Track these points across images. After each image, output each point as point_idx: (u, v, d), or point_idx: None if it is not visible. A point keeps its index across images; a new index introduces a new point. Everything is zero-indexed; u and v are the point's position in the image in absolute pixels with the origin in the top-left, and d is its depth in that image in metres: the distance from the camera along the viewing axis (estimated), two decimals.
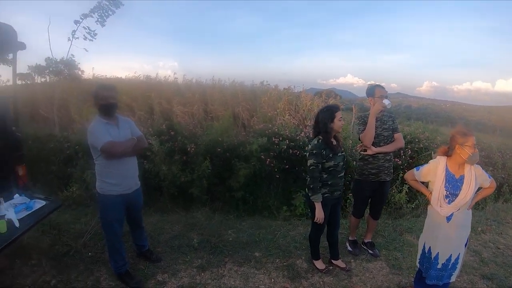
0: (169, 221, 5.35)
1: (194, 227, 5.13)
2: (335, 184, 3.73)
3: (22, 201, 4.04)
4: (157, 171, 5.91)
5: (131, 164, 3.67)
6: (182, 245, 4.65)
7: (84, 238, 4.65)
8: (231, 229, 5.07)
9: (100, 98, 3.42)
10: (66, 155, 7.12)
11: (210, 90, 12.88)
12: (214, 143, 6.26)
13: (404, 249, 4.76)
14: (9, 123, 4.47)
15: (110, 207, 3.59)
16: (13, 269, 4.20)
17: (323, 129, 3.64)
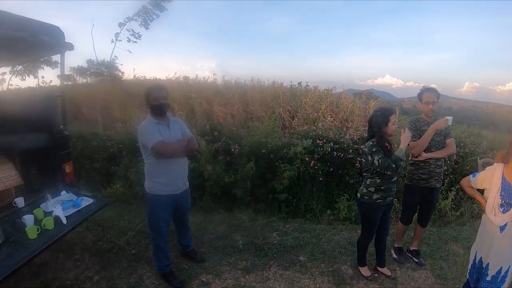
0: (213, 221, 5.31)
1: (238, 228, 5.06)
2: (388, 189, 3.56)
3: (69, 198, 4.07)
4: (201, 170, 5.89)
5: (181, 165, 3.62)
6: (226, 246, 4.58)
7: (127, 235, 4.67)
8: (276, 231, 4.95)
9: (152, 98, 3.42)
10: (109, 153, 7.25)
11: (250, 91, 12.82)
12: (259, 144, 6.18)
13: (450, 259, 4.52)
14: (57, 121, 4.59)
15: (158, 207, 3.57)
16: (57, 263, 4.26)
17: (377, 133, 3.49)
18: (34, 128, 4.49)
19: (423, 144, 3.85)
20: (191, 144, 3.57)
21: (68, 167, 4.57)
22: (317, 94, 12.06)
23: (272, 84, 13.91)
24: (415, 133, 3.93)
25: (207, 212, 5.82)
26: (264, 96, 11.99)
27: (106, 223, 5.08)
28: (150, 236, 4.01)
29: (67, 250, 4.50)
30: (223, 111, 10.95)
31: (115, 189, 6.43)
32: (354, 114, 10.52)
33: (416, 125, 3.98)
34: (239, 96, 12.00)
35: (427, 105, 3.93)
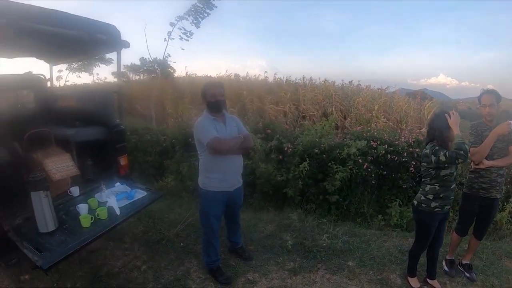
0: (263, 220, 5.26)
1: (287, 228, 4.96)
2: (446, 197, 3.37)
3: (123, 190, 4.17)
4: (253, 168, 5.89)
5: (236, 162, 3.60)
6: (275, 245, 4.52)
7: (177, 228, 4.74)
8: (326, 233, 4.81)
9: (209, 95, 3.45)
10: (162, 147, 7.42)
11: (301, 89, 12.68)
12: (312, 143, 6.09)
13: (502, 276, 4.20)
14: (114, 116, 4.76)
15: (210, 203, 3.58)
16: (107, 250, 4.41)
17: (439, 137, 3.30)
18: (92, 122, 4.71)
19: (484, 150, 3.57)
20: (246, 142, 3.54)
21: (123, 159, 4.72)
22: (370, 94, 11.83)
23: (324, 83, 13.74)
24: (476, 139, 3.66)
25: (257, 210, 5.78)
26: (316, 94, 11.84)
27: (157, 215, 5.19)
28: (200, 230, 4.02)
29: (118, 238, 4.63)
30: (275, 109, 10.91)
31: (167, 182, 6.56)
32: (408, 115, 10.20)
33: (478, 130, 3.71)
34: (291, 94, 11.92)
35: (484, 107, 3.68)
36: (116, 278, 3.92)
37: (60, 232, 3.33)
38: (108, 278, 3.90)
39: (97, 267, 4.09)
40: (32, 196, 3.25)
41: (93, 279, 3.89)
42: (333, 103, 11.05)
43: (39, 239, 3.22)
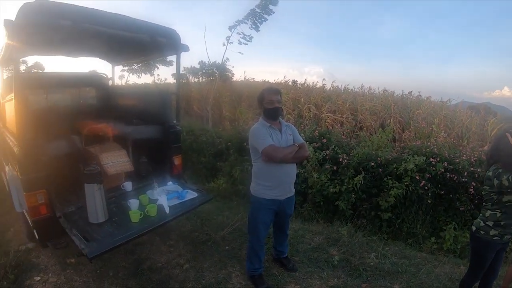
0: (311, 231, 5.12)
1: (335, 243, 4.80)
2: (508, 225, 3.10)
3: (174, 189, 4.24)
4: (306, 177, 5.81)
5: (289, 171, 3.53)
6: (320, 259, 4.37)
7: (224, 231, 4.75)
8: (374, 252, 4.61)
9: (266, 101, 3.42)
10: (217, 149, 7.56)
11: (360, 98, 12.51)
12: (368, 156, 5.91)
13: None
14: (171, 117, 4.86)
15: (260, 210, 3.54)
16: (152, 244, 4.52)
17: (506, 158, 3.03)
18: (149, 121, 4.91)
19: None
20: (302, 151, 3.47)
21: (177, 159, 4.81)
22: (430, 106, 11.42)
23: (383, 93, 13.46)
24: None
25: (306, 220, 5.65)
26: (374, 105, 11.61)
27: (206, 216, 5.25)
28: (246, 236, 4.00)
29: (164, 234, 4.72)
30: (332, 117, 10.78)
31: (219, 184, 6.65)
32: (471, 131, 9.66)
33: None
34: (349, 103, 11.73)
35: None
36: (157, 273, 3.99)
37: (109, 224, 3.46)
38: (150, 272, 3.98)
39: (141, 260, 4.20)
40: (86, 188, 3.43)
41: (135, 271, 4.00)
42: (392, 114, 10.77)
43: (88, 229, 3.36)
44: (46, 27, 3.27)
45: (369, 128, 10.45)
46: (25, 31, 3.15)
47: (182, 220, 4.92)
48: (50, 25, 3.23)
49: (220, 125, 11.10)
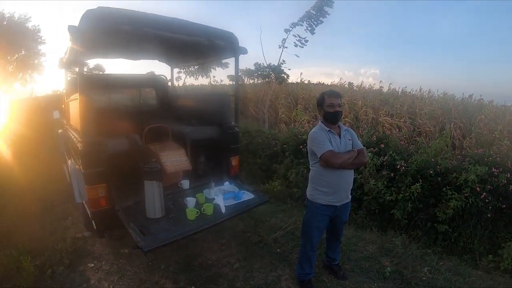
0: (364, 239, 4.98)
1: (388, 253, 4.62)
2: None
3: (231, 190, 4.31)
4: (362, 183, 5.68)
5: (347, 177, 3.47)
6: (372, 269, 4.24)
7: (276, 233, 4.75)
8: (428, 266, 4.37)
9: (327, 104, 3.37)
10: (272, 151, 7.57)
11: (418, 101, 12.11)
12: (427, 163, 5.66)
13: None
14: (230, 118, 4.94)
15: (315, 215, 3.50)
16: (205, 241, 4.61)
17: None
18: (208, 122, 5.03)
19: None
20: (361, 157, 3.39)
21: (235, 160, 4.91)
22: (493, 111, 10.89)
23: (443, 96, 12.93)
24: None
25: (359, 227, 5.51)
26: (434, 109, 11.16)
27: (259, 217, 5.26)
28: (299, 240, 3.97)
29: (217, 232, 4.78)
30: (389, 121, 10.49)
31: (273, 186, 6.64)
32: None
33: None
34: (407, 107, 11.39)
35: None
36: (208, 269, 4.06)
37: (165, 220, 3.58)
38: (200, 269, 4.06)
39: (192, 256, 4.30)
40: (146, 184, 3.57)
41: (186, 266, 4.11)
42: (452, 119, 10.32)
43: (145, 223, 3.48)
44: (108, 32, 3.48)
45: (428, 134, 10.11)
46: (88, 36, 3.36)
47: (235, 220, 4.92)
48: (111, 30, 3.44)
49: (275, 127, 11.10)
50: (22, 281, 3.74)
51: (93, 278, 3.97)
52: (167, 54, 5.88)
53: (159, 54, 6.01)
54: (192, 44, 4.21)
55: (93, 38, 3.49)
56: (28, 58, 26.57)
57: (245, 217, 5.05)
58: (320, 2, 10.92)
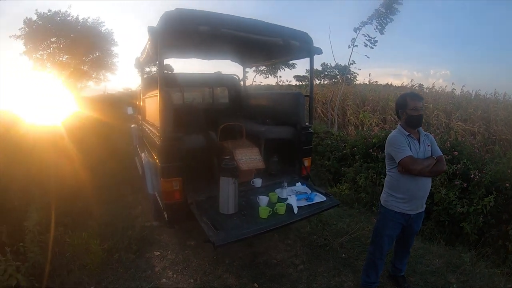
0: (431, 252, 4.78)
1: (456, 269, 4.38)
2: None
3: (303, 191, 4.29)
4: (432, 192, 5.39)
5: (424, 185, 3.35)
6: (437, 285, 4.06)
7: (343, 238, 4.70)
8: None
9: (410, 107, 3.25)
10: (341, 153, 7.51)
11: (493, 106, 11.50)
12: (502, 175, 5.35)
13: None
14: (304, 119, 4.91)
15: (388, 222, 3.43)
16: (271, 240, 4.66)
17: None
18: (282, 122, 5.07)
19: None
20: (440, 165, 3.27)
21: (307, 161, 4.92)
22: None
23: None
24: None
25: (427, 239, 5.30)
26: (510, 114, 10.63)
27: (326, 220, 5.21)
28: (365, 246, 3.94)
29: (283, 232, 4.82)
30: (462, 127, 10.03)
31: (341, 190, 6.55)
32: None
33: None
34: (481, 111, 10.86)
35: None
36: (271, 268, 4.10)
37: (237, 216, 3.64)
38: (264, 267, 4.11)
39: (257, 253, 4.37)
40: (221, 180, 3.66)
41: (250, 263, 4.18)
42: None
43: (218, 218, 3.56)
44: (186, 32, 3.63)
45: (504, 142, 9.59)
46: (166, 36, 3.56)
47: (303, 221, 4.90)
48: (189, 31, 3.57)
49: (343, 129, 10.96)
50: (90, 261, 3.99)
51: (158, 266, 4.16)
52: (240, 54, 6.02)
53: (233, 54, 6.16)
54: (267, 44, 4.23)
55: (171, 39, 3.71)
56: (101, 59, 28.68)
57: (312, 219, 4.99)
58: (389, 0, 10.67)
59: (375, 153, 6.76)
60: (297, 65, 11.17)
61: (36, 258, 3.71)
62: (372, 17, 10.94)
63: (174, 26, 3.48)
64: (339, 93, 12.07)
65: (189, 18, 3.55)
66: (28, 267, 3.51)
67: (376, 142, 6.98)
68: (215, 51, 5.69)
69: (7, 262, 3.27)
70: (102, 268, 4.06)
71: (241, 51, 5.65)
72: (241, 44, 4.69)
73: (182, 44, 4.57)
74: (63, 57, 26.70)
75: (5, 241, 3.65)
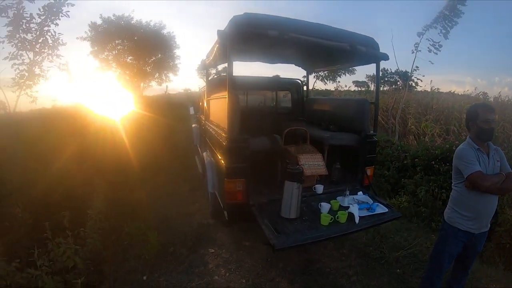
0: (488, 275, 4.53)
1: None
2: None
3: (365, 200, 4.22)
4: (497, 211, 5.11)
5: (492, 203, 3.19)
6: None
7: (399, 253, 4.58)
8: None
9: (481, 120, 3.07)
10: (401, 164, 7.26)
11: None
12: None
13: None
14: (368, 127, 4.85)
15: (450, 239, 3.28)
16: (326, 248, 4.62)
17: None
18: (346, 128, 5.03)
19: None
20: (509, 183, 3.07)
21: (370, 170, 4.81)
22: None
23: None
24: None
25: (485, 261, 5.03)
26: None
27: (383, 232, 5.09)
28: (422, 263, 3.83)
29: (339, 241, 4.75)
30: None
31: (400, 202, 6.31)
32: None
33: None
34: None
35: None
36: (324, 277, 4.06)
37: (299, 222, 3.63)
38: (317, 274, 4.07)
39: (311, 260, 4.34)
40: (286, 184, 3.67)
41: (304, 269, 4.15)
42: None
43: (279, 222, 3.58)
44: (254, 36, 3.67)
45: None
46: (235, 40, 3.62)
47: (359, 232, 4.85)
48: (258, 35, 3.62)
49: (404, 138, 10.66)
50: (145, 252, 4.18)
51: (212, 263, 4.23)
52: (305, 58, 6.05)
53: (298, 59, 6.22)
54: (332, 49, 4.22)
55: (239, 42, 3.74)
56: (164, 60, 30.01)
57: (369, 230, 4.87)
58: (453, 1, 10.16)
59: (437, 166, 6.53)
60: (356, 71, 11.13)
61: (94, 244, 3.95)
62: (436, 20, 10.48)
63: (243, 29, 3.57)
64: (402, 100, 11.77)
65: (257, 22, 3.62)
66: (86, 251, 3.73)
67: (439, 154, 6.75)
68: (280, 55, 5.76)
69: (67, 245, 3.48)
70: (156, 259, 4.21)
71: (306, 56, 5.68)
72: (307, 49, 4.75)
73: (249, 47, 4.61)
74: (127, 58, 28.17)
75: (66, 225, 3.85)
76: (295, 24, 3.82)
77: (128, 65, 28.15)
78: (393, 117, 11.63)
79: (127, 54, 27.97)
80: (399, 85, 11.94)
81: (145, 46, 26.81)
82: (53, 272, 3.24)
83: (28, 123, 9.31)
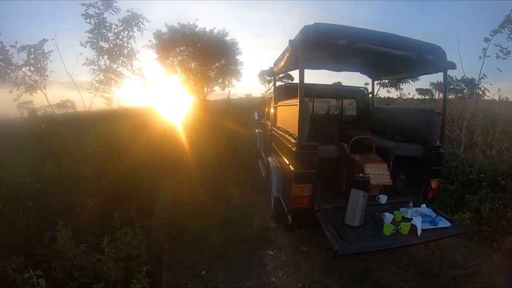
0: None
1: None
2: None
3: (428, 213, 4.17)
4: None
5: None
6: None
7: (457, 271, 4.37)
8: None
9: None
10: (466, 178, 6.94)
11: None
12: None
13: None
14: (435, 138, 4.77)
15: None
16: (383, 260, 4.54)
17: None
18: (412, 139, 4.99)
19: None
20: None
21: (435, 183, 4.73)
22: None
23: None
24: None
25: None
26: None
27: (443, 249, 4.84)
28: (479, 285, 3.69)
29: (397, 254, 4.68)
30: None
31: (462, 218, 5.97)
32: None
33: None
34: None
35: None
36: None
37: (362, 230, 3.69)
38: (373, 285, 4.05)
39: (368, 270, 4.29)
40: (352, 192, 3.75)
41: (360, 279, 4.13)
42: None
43: (342, 228, 3.66)
44: (324, 45, 3.79)
45: None
46: (306, 49, 3.76)
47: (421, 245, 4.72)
48: (327, 44, 3.72)
49: (470, 151, 10.22)
50: (207, 248, 4.41)
51: (270, 265, 4.35)
52: (371, 67, 6.07)
53: (364, 67, 6.22)
54: (399, 58, 4.19)
55: (309, 51, 3.88)
56: (227, 66, 30.64)
57: (429, 244, 4.74)
58: None
59: (503, 182, 6.21)
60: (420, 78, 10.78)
61: (158, 237, 4.16)
62: (503, 24, 9.81)
63: (313, 39, 3.68)
64: (468, 110, 11.27)
65: (327, 31, 3.71)
66: (150, 243, 3.93)
67: (506, 169, 6.47)
68: (347, 63, 5.84)
69: (134, 235, 3.69)
70: (216, 256, 4.40)
71: (372, 64, 5.72)
72: (373, 58, 4.81)
73: (317, 56, 4.68)
74: (191, 64, 29.11)
75: (133, 217, 4.13)
76: (363, 34, 3.88)
77: (193, 70, 29.06)
78: (459, 128, 11.17)
79: (191, 60, 28.91)
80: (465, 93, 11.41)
81: (209, 53, 27.60)
82: (117, 259, 3.46)
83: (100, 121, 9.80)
